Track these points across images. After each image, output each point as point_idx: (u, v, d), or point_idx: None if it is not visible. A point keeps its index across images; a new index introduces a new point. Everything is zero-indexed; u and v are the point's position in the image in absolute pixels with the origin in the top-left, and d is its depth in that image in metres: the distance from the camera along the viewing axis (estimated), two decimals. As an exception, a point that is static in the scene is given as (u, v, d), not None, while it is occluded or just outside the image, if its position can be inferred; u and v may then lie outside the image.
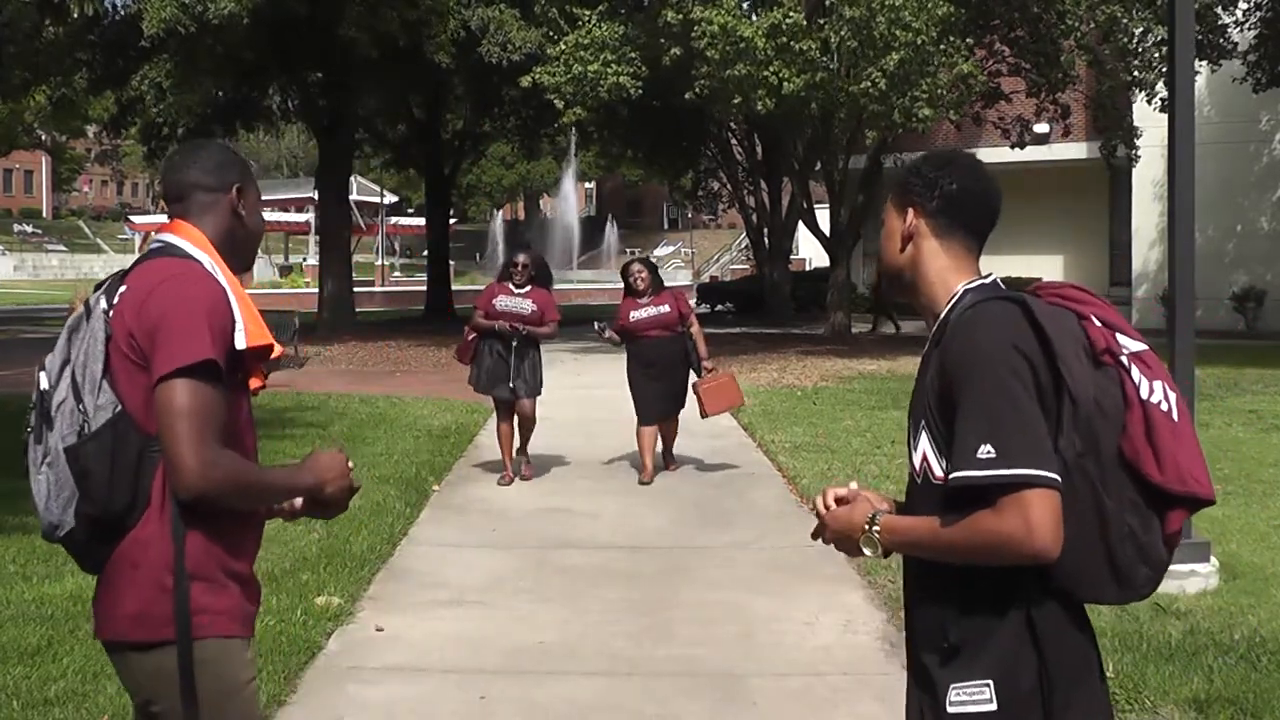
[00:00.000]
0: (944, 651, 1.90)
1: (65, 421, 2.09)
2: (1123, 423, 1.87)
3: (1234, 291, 24.12)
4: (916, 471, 1.98)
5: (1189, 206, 6.06)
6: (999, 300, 1.92)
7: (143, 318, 2.10)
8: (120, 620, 2.15)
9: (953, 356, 1.89)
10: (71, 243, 73.07)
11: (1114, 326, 1.93)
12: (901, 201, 2.09)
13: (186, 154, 2.37)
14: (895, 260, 2.11)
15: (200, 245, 2.26)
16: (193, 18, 19.03)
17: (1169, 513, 1.88)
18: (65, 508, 2.10)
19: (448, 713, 4.33)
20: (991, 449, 1.78)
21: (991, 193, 2.07)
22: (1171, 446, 1.86)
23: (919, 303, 2.09)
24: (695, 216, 63.77)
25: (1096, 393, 1.86)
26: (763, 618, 5.44)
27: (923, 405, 1.96)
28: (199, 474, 2.02)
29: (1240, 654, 4.68)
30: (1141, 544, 1.87)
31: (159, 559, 2.10)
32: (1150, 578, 1.90)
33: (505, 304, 8.40)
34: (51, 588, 5.72)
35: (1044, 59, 20.24)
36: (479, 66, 22.34)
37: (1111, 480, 1.86)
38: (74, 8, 9.06)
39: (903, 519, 1.98)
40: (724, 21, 17.20)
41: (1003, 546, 1.79)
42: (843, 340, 22.01)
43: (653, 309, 8.65)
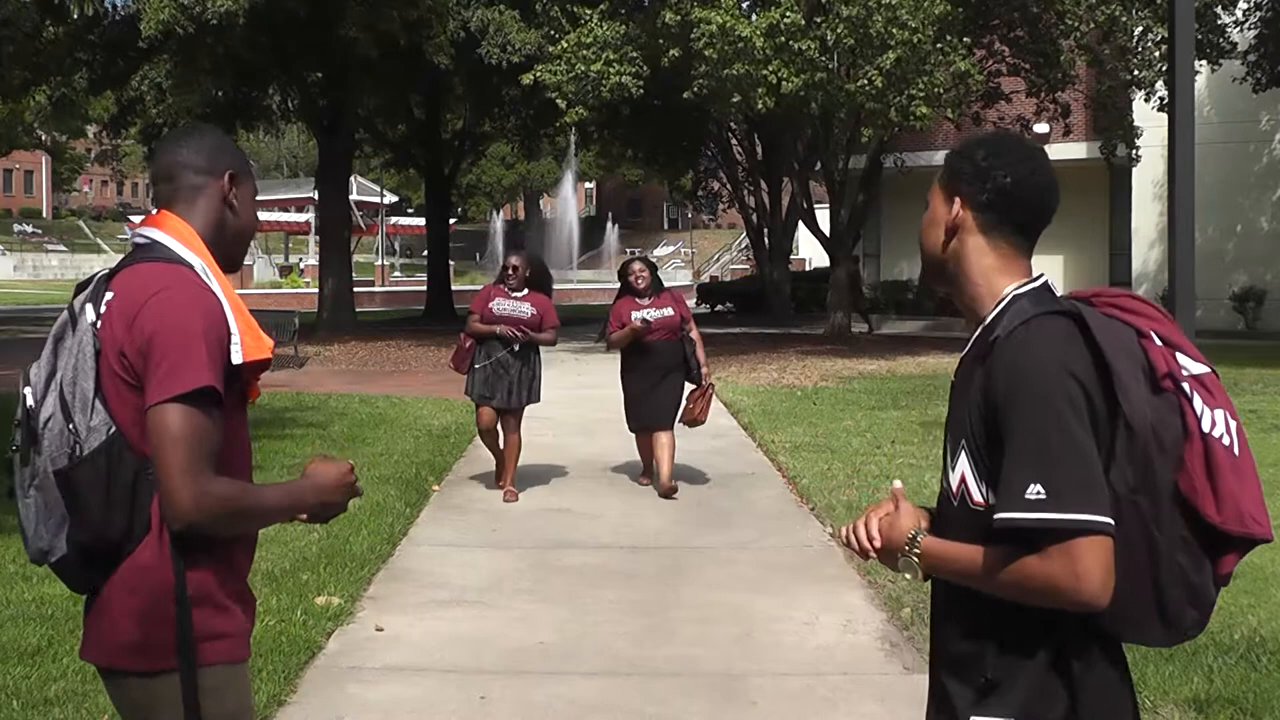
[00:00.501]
0: (981, 686, 1.78)
1: (54, 442, 1.96)
2: (1180, 456, 1.71)
3: (1234, 291, 24.11)
4: (954, 493, 1.83)
5: (1189, 206, 6.06)
6: (1052, 315, 1.76)
7: (134, 335, 1.97)
8: (118, 649, 2.03)
9: (1001, 379, 1.73)
10: (71, 243, 73.05)
11: (1175, 345, 1.77)
12: (949, 188, 1.90)
13: (179, 135, 2.24)
14: (937, 252, 1.93)
15: (189, 243, 2.11)
16: (190, 18, 19.04)
17: (1224, 554, 1.73)
18: (55, 533, 1.97)
19: (448, 713, 4.33)
20: (1041, 490, 1.64)
21: (1048, 188, 1.88)
22: (1232, 485, 1.71)
23: (961, 302, 1.93)
24: (695, 216, 63.78)
25: (1154, 421, 1.70)
26: (763, 618, 5.44)
27: (964, 424, 1.80)
28: (192, 505, 1.92)
29: (1240, 654, 4.69)
30: (1192, 585, 1.72)
31: (160, 585, 1.99)
32: (1198, 621, 1.76)
33: (503, 307, 7.94)
34: (51, 588, 5.71)
35: (1043, 59, 20.24)
36: (479, 67, 22.35)
37: (1165, 517, 1.70)
38: (74, 9, 9.06)
39: (945, 544, 1.82)
40: (722, 21, 17.20)
41: (1050, 594, 1.67)
42: (843, 340, 22.01)
43: (653, 310, 8.23)
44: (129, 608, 2.00)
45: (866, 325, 25.07)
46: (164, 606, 1.99)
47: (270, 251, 55.65)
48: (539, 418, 11.07)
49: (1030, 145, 1.93)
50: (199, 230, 2.14)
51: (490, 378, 7.91)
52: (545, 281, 8.20)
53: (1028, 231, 1.89)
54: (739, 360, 18.47)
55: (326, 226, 27.03)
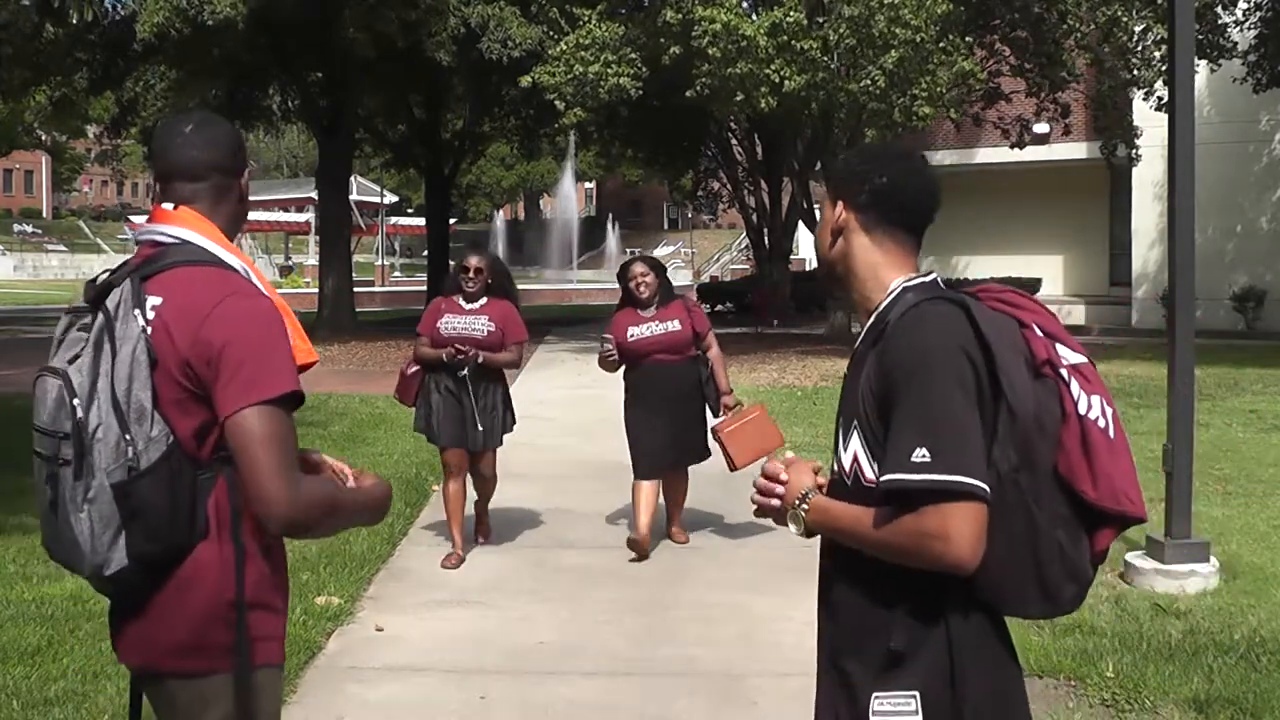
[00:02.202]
0: (886, 657, 1.84)
1: (108, 454, 1.90)
2: (1059, 437, 1.83)
3: (1234, 291, 24.10)
4: (846, 472, 1.92)
5: (1189, 206, 6.06)
6: (942, 301, 1.87)
7: (201, 345, 1.93)
8: (168, 651, 2.01)
9: (894, 357, 1.83)
10: (71, 243, 73.05)
11: (1054, 336, 1.90)
12: (833, 194, 2.05)
13: (199, 130, 2.15)
14: (827, 253, 2.07)
15: (223, 244, 2.08)
16: (187, 21, 19.03)
17: (1099, 531, 1.86)
18: (111, 545, 1.92)
19: (448, 713, 4.33)
20: (926, 452, 1.74)
21: (925, 188, 2.01)
22: (1107, 464, 1.83)
23: (852, 298, 2.04)
24: (695, 216, 63.77)
25: (1036, 406, 1.82)
26: (763, 618, 5.44)
27: (856, 405, 1.90)
28: (290, 506, 1.91)
29: (1240, 654, 4.68)
30: (1070, 560, 1.84)
31: (217, 589, 1.98)
32: (1076, 594, 1.87)
33: (454, 325, 6.38)
34: (51, 588, 5.72)
35: (1044, 59, 20.24)
36: (479, 64, 22.33)
37: (1044, 495, 1.82)
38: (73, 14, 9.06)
39: (833, 503, 1.92)
40: (726, 20, 17.20)
41: (921, 551, 1.76)
42: (843, 340, 21.99)
43: (658, 325, 6.57)
44: (184, 612, 1.98)
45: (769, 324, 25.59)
46: (220, 609, 1.98)
47: (270, 251, 55.67)
48: (540, 418, 11.10)
49: (908, 150, 2.07)
50: (221, 227, 2.12)
51: (440, 413, 6.43)
52: (508, 288, 6.60)
53: (910, 229, 2.01)
54: (739, 360, 18.46)
55: (326, 226, 27.02)
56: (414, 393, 6.58)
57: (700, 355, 6.67)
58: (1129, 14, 18.42)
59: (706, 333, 6.71)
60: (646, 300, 6.61)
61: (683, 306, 6.72)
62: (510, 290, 6.59)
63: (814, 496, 1.95)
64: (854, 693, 1.88)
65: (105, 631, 5.21)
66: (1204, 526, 6.47)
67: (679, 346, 6.59)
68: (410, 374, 6.58)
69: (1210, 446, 9.41)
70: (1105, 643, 4.86)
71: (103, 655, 4.74)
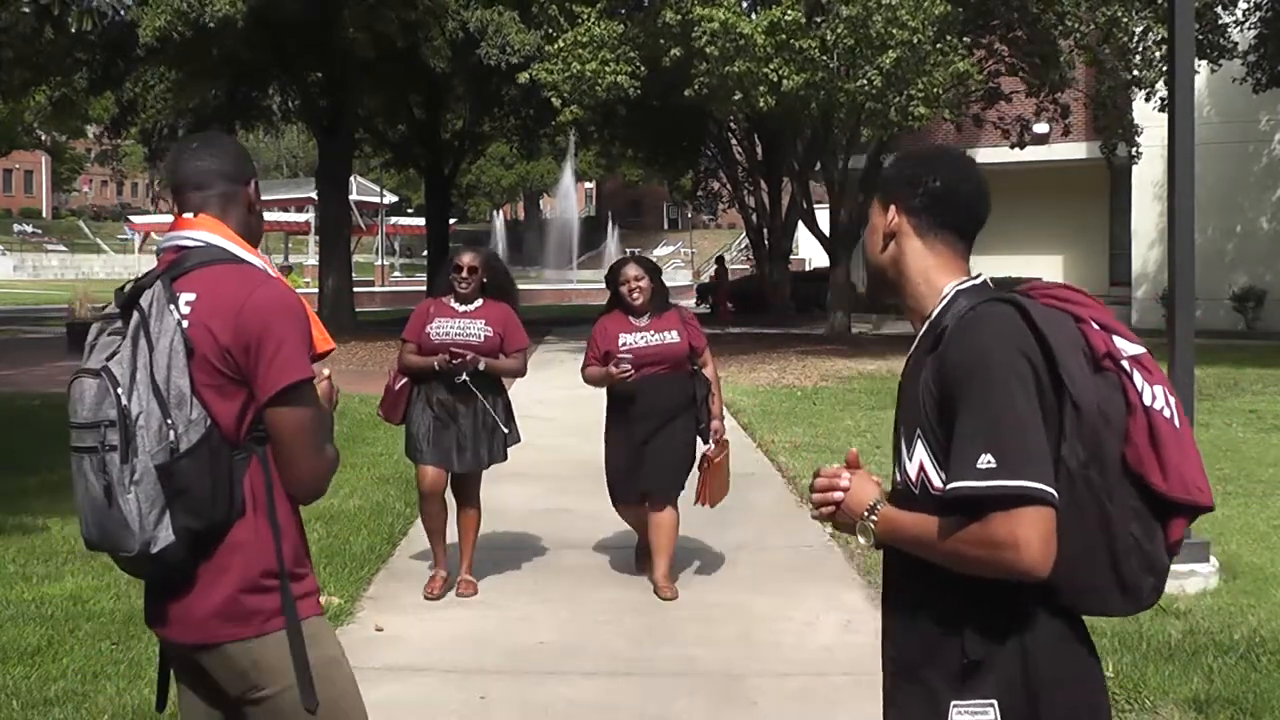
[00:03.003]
0: (962, 666, 1.82)
1: (151, 438, 2.07)
2: (1125, 429, 1.81)
3: (1234, 291, 24.12)
4: (913, 482, 1.89)
5: (1189, 206, 6.06)
6: (996, 302, 1.86)
7: (240, 333, 2.13)
8: (219, 623, 2.18)
9: (952, 362, 1.82)
10: (71, 243, 73.08)
11: (1111, 330, 1.88)
12: (885, 198, 2.03)
13: (205, 144, 2.38)
14: (878, 258, 2.05)
15: (240, 244, 2.28)
16: (188, 23, 19.04)
17: (1171, 520, 1.84)
18: (158, 523, 2.07)
19: (448, 713, 4.33)
20: (992, 459, 1.72)
21: (977, 191, 2.00)
22: (1175, 454, 1.81)
23: (904, 303, 2.03)
24: (695, 216, 63.81)
25: (1099, 399, 1.81)
26: (763, 618, 5.44)
27: (918, 413, 1.88)
28: (323, 481, 2.23)
29: (1240, 654, 4.69)
30: (1146, 553, 1.83)
31: (256, 559, 2.17)
32: (1155, 587, 1.86)
33: (445, 329, 5.70)
34: (51, 588, 5.72)
35: (1043, 60, 20.24)
36: (478, 68, 22.34)
37: (1116, 489, 1.80)
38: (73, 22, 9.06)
39: (901, 514, 1.89)
40: (724, 18, 17.21)
41: (991, 560, 1.74)
42: (843, 340, 22.01)
43: (654, 335, 5.84)
44: (228, 584, 2.16)
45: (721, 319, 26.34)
46: (261, 578, 2.17)
47: (270, 251, 55.67)
48: (540, 418, 11.09)
49: (960, 154, 2.06)
50: (236, 231, 2.31)
51: (433, 430, 5.69)
52: (507, 288, 5.95)
53: (962, 233, 1.99)
54: (739, 360, 18.47)
55: (326, 226, 27.03)
56: (402, 411, 5.82)
57: (696, 372, 5.92)
58: (1129, 14, 18.42)
59: (704, 349, 5.99)
60: (640, 307, 5.86)
61: (678, 316, 5.97)
62: (509, 291, 5.92)
63: (882, 507, 1.92)
64: (932, 702, 1.86)
65: (105, 631, 5.22)
66: (1204, 526, 6.47)
67: (675, 361, 5.84)
68: (398, 389, 5.81)
69: (1210, 446, 9.41)
70: (1105, 643, 4.86)
71: (102, 655, 4.74)
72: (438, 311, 5.80)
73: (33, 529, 6.96)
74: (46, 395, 13.81)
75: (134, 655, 4.74)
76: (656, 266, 6.14)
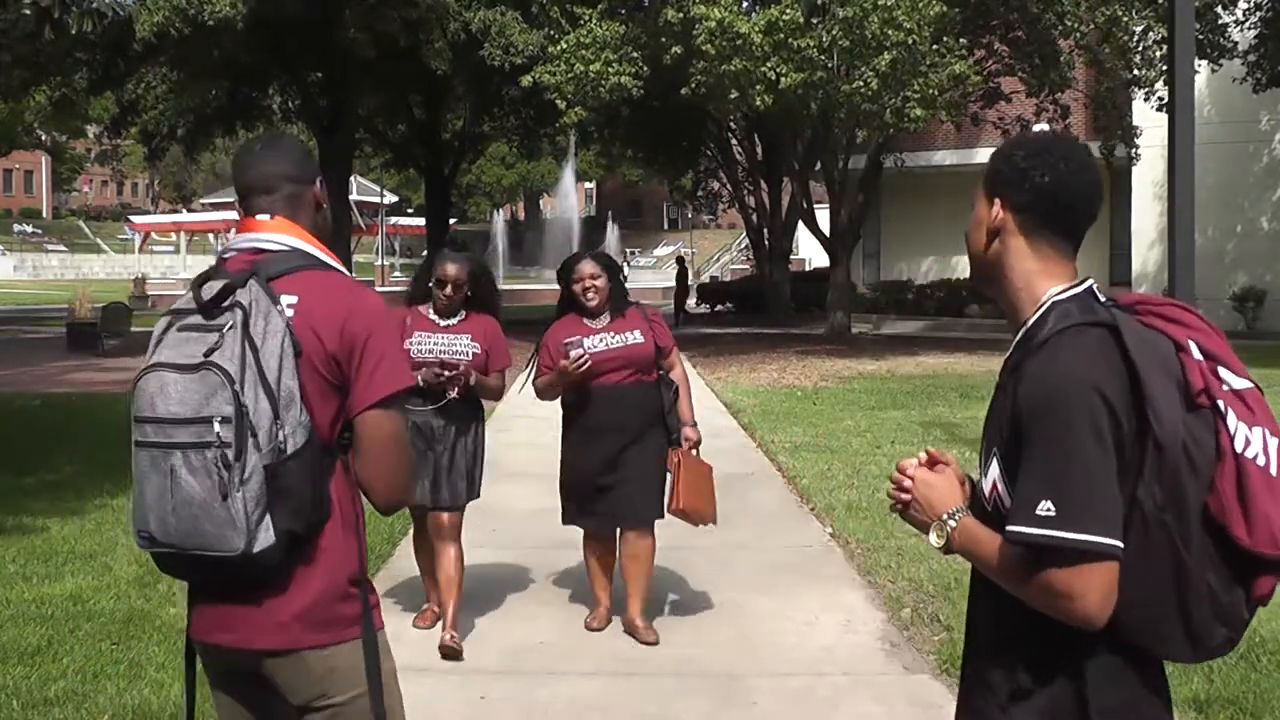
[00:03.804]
0: (1016, 684, 1.79)
1: (262, 438, 2.04)
2: (1211, 476, 1.67)
3: (1234, 291, 24.10)
4: (986, 498, 1.83)
5: (1189, 206, 6.07)
6: (1088, 327, 1.73)
7: (345, 340, 2.15)
8: (302, 628, 2.15)
9: (1027, 391, 1.72)
10: (71, 243, 73.15)
11: (1216, 358, 1.72)
12: (990, 190, 1.88)
13: (269, 146, 2.37)
14: (980, 254, 1.91)
15: (320, 248, 2.28)
16: (186, 20, 19.03)
17: (1258, 575, 1.71)
18: (259, 524, 2.04)
19: (448, 713, 4.33)
20: (1052, 506, 1.64)
21: (1090, 188, 1.84)
22: (1266, 505, 1.66)
23: (1002, 303, 1.91)
24: (695, 216, 63.83)
25: (1186, 439, 1.67)
26: (763, 618, 5.44)
27: (998, 430, 1.80)
28: (408, 493, 2.28)
29: (1240, 654, 4.68)
30: (1222, 605, 1.71)
31: (340, 566, 2.18)
32: (1228, 639, 1.76)
33: (427, 345, 5.00)
34: (51, 588, 5.72)
35: (1042, 60, 20.24)
36: (480, 69, 22.34)
37: (1194, 536, 1.68)
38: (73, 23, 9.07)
39: (979, 528, 1.82)
40: (721, 17, 17.21)
41: (1047, 606, 1.70)
42: (843, 340, 22.01)
43: (613, 336, 5.19)
44: (314, 590, 2.15)
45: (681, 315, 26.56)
46: (342, 585, 2.18)
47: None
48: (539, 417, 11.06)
49: (1073, 144, 1.89)
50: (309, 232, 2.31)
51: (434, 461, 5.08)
52: (491, 299, 5.30)
53: (1070, 233, 1.86)
54: (739, 360, 18.47)
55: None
56: None
57: (663, 377, 5.31)
58: (1129, 14, 18.43)
59: (671, 349, 5.37)
60: (595, 308, 5.24)
61: (640, 316, 5.33)
62: (494, 303, 5.31)
63: (963, 516, 1.85)
64: (985, 711, 1.85)
65: (105, 631, 5.22)
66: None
67: (639, 364, 5.20)
68: None
69: (1210, 446, 9.40)
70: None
71: (102, 655, 4.74)
72: (416, 323, 5.06)
73: (33, 529, 6.96)
74: (46, 395, 13.82)
75: (134, 655, 4.74)
76: (615, 263, 5.50)
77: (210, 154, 45.50)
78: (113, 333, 20.51)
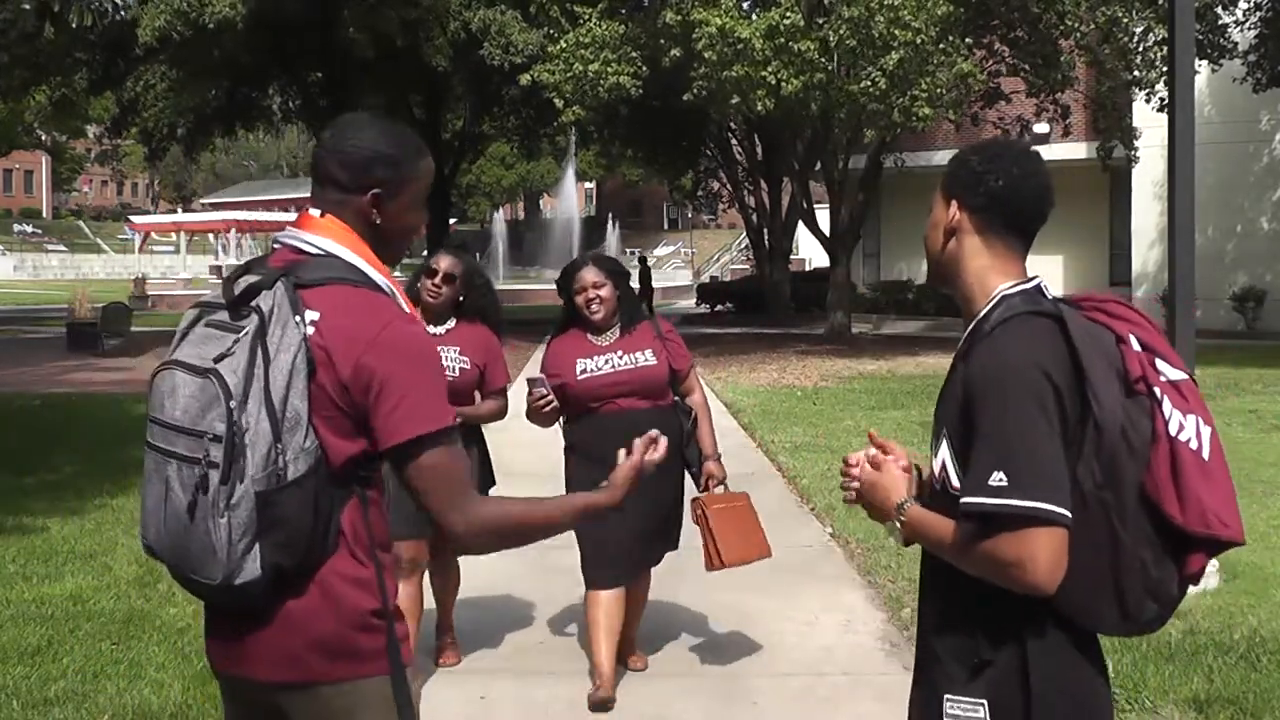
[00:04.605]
0: (961, 662, 1.89)
1: (257, 461, 1.83)
2: (1148, 457, 1.80)
3: (1234, 291, 24.10)
4: (935, 477, 1.95)
5: (1189, 207, 6.06)
6: (1034, 315, 1.86)
7: (364, 371, 1.91)
8: (315, 660, 1.96)
9: (976, 373, 1.85)
10: (71, 243, 73.10)
11: (1154, 351, 1.86)
12: (947, 192, 2.02)
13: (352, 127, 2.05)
14: (938, 253, 2.05)
15: (369, 259, 2.04)
16: (188, 23, 19.06)
17: (1189, 553, 1.82)
18: (245, 554, 1.85)
19: (448, 713, 4.33)
20: (1004, 477, 1.75)
21: (1042, 191, 1.98)
22: (1198, 486, 1.78)
23: (957, 299, 2.04)
24: (695, 216, 63.84)
25: (1125, 422, 1.79)
26: (763, 618, 5.44)
27: (948, 414, 1.92)
28: (466, 532, 1.96)
29: (1240, 654, 4.68)
30: (1153, 580, 1.81)
31: (355, 597, 1.96)
32: (1159, 614, 1.85)
33: None
34: (51, 588, 5.72)
35: (1043, 60, 20.25)
36: (480, 68, 22.34)
37: (1129, 514, 1.79)
38: (73, 18, 9.08)
39: (927, 516, 1.93)
40: (721, 23, 17.21)
41: (999, 575, 1.79)
42: (843, 340, 22.01)
43: (622, 357, 4.49)
44: (326, 621, 1.95)
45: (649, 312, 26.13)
46: (361, 616, 1.97)
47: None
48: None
49: (1026, 150, 2.02)
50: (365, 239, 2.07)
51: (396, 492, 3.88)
52: (488, 309, 4.68)
53: (1023, 233, 1.99)
54: (739, 360, 18.47)
55: (326, 226, 27.03)
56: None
57: (679, 402, 4.61)
58: (1129, 14, 18.43)
59: (688, 371, 4.63)
60: (601, 322, 4.50)
61: (653, 332, 4.60)
62: (491, 313, 4.67)
63: (910, 507, 1.96)
64: (933, 694, 1.93)
65: (105, 631, 5.22)
66: (1204, 526, 6.47)
67: (652, 389, 4.49)
68: None
69: (1210, 446, 9.40)
70: (1105, 642, 4.84)
71: (102, 655, 4.74)
72: None
73: (33, 529, 6.96)
74: (46, 395, 13.82)
75: (134, 655, 4.74)
76: (622, 269, 4.68)
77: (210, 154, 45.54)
78: (113, 333, 20.52)
